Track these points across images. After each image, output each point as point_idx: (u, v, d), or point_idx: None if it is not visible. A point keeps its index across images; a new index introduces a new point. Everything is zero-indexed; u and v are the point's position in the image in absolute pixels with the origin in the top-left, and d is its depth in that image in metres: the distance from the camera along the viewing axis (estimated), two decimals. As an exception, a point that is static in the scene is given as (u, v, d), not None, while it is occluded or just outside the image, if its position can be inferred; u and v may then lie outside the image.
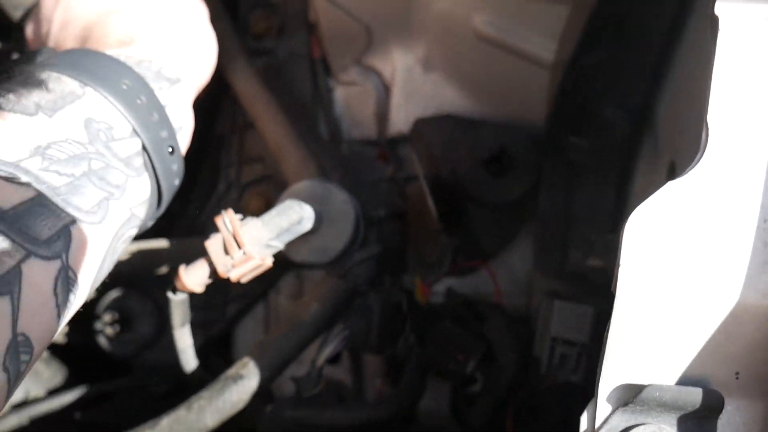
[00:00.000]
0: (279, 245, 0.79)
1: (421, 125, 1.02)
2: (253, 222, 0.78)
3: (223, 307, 1.15)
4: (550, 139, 0.87)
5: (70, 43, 0.76)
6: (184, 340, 0.88)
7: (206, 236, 1.04)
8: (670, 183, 0.47)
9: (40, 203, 0.53)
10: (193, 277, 0.78)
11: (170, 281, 0.83)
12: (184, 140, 0.75)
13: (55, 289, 0.54)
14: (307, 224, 0.80)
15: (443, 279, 1.05)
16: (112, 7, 0.75)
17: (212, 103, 1.37)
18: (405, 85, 1.08)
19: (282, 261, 0.85)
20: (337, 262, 0.85)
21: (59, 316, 0.56)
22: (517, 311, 1.04)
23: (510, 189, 0.96)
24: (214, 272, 0.77)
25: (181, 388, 1.10)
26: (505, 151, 0.94)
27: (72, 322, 1.26)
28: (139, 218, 0.68)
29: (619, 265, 0.47)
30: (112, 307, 1.17)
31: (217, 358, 1.16)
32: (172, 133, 0.70)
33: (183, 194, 1.37)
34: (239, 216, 0.81)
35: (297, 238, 0.81)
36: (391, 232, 1.01)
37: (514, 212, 0.99)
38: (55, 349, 1.24)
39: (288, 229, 0.78)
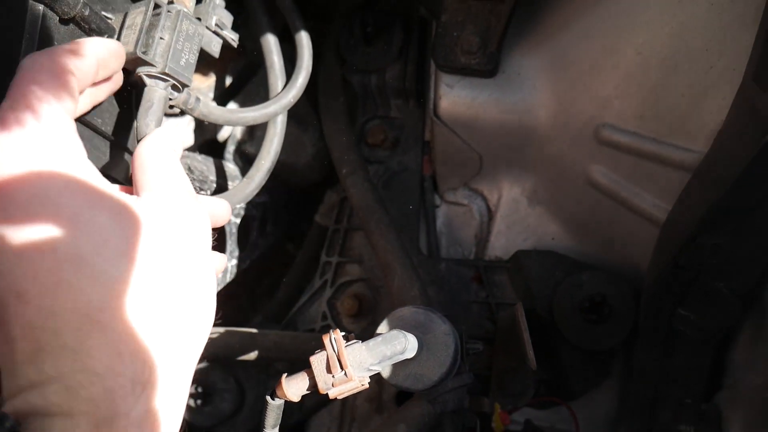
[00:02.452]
0: (378, 369, 0.82)
1: (522, 257, 1.05)
2: (357, 345, 0.82)
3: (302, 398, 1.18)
4: (653, 302, 0.89)
5: None
6: None
7: (296, 333, 1.09)
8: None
9: None
10: (294, 388, 0.81)
11: (275, 377, 0.87)
12: None
13: None
14: (410, 354, 0.83)
15: (522, 409, 1.06)
16: None
17: (317, 194, 1.45)
18: (509, 214, 1.12)
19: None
20: (430, 389, 0.87)
21: None
22: (593, 455, 1.04)
23: (605, 338, 0.97)
24: (313, 386, 0.81)
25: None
26: (605, 300, 0.96)
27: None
28: None
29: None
30: (196, 380, 1.22)
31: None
32: None
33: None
34: (343, 334, 0.84)
35: (397, 363, 0.84)
36: (479, 357, 1.03)
37: (604, 359, 1.00)
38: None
39: (390, 357, 0.81)
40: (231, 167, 1.24)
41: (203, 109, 0.95)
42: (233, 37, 1.01)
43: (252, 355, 1.10)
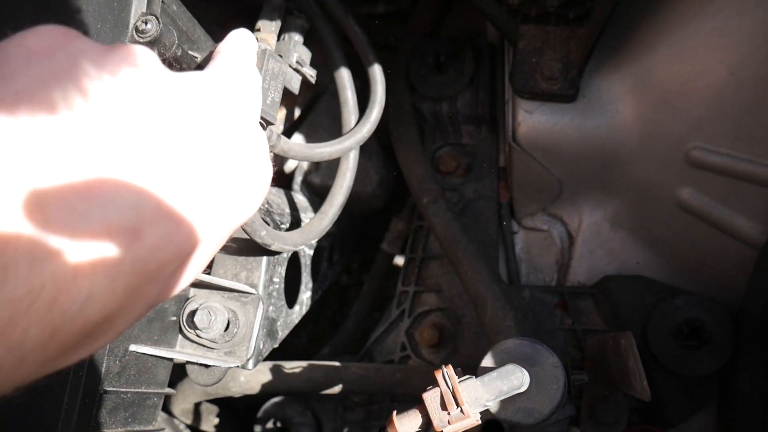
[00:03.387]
0: (494, 406, 0.81)
1: (610, 282, 1.04)
2: (472, 381, 0.80)
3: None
4: (757, 325, 0.87)
5: None
6: None
7: (379, 366, 1.08)
8: None
9: None
10: (406, 426, 0.80)
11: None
12: None
13: None
14: (524, 388, 0.81)
15: (614, 438, 1.03)
16: None
17: (378, 221, 1.44)
18: (591, 238, 1.10)
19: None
20: (539, 424, 0.86)
21: None
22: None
23: (703, 364, 0.95)
24: (427, 424, 0.79)
25: None
26: (702, 325, 0.94)
27: (236, 422, 1.31)
28: None
29: None
30: (274, 413, 1.21)
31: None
32: None
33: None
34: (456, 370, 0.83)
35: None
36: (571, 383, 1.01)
37: (702, 386, 0.98)
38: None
39: (507, 393, 0.80)
40: (300, 198, 1.24)
41: (284, 146, 0.95)
42: (312, 74, 1.02)
43: (336, 389, 1.09)
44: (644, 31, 0.95)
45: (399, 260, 1.45)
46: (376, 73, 1.05)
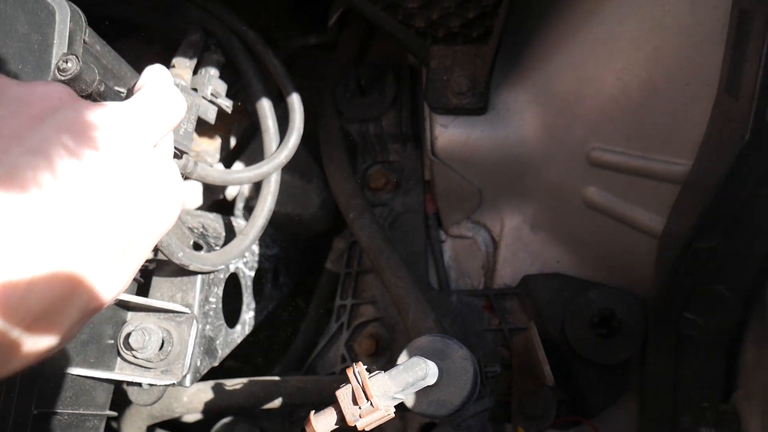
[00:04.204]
0: (403, 398, 0.85)
1: (530, 281, 1.09)
2: (381, 375, 0.84)
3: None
4: (660, 310, 0.92)
5: None
6: None
7: (317, 378, 1.12)
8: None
9: None
10: (323, 424, 0.84)
11: (298, 424, 0.89)
12: None
13: None
14: (431, 380, 0.85)
15: (546, 431, 1.07)
16: None
17: (324, 242, 1.49)
18: (513, 242, 1.16)
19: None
20: (453, 415, 0.90)
21: None
22: (619, 471, 1.05)
23: (618, 351, 1.00)
24: (342, 420, 0.83)
25: None
26: (614, 314, 1.00)
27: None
28: None
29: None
30: (223, 433, 1.23)
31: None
32: None
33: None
34: (366, 367, 0.87)
35: (419, 391, 0.87)
36: (498, 384, 1.05)
37: (620, 373, 1.03)
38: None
39: (413, 384, 0.84)
40: (241, 223, 1.28)
41: (201, 172, 1.01)
42: (227, 104, 1.08)
43: (276, 403, 1.12)
44: (540, 44, 1.02)
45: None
46: (294, 101, 1.12)
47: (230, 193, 1.38)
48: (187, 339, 1.00)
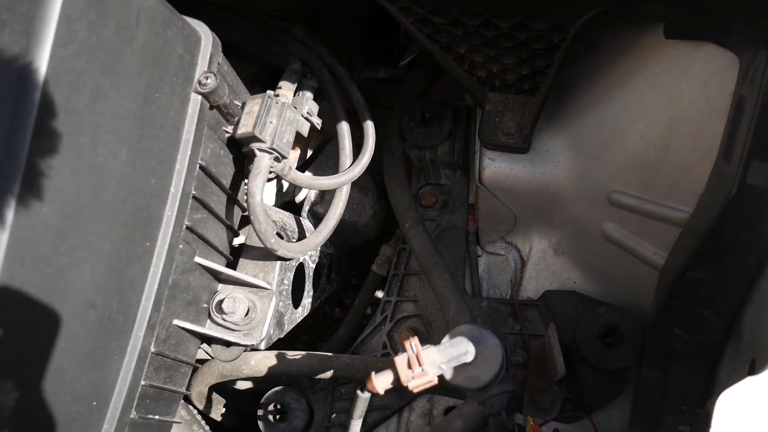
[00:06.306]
0: (447, 369, 1.06)
1: (550, 296, 1.31)
2: (431, 348, 1.05)
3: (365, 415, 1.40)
4: (656, 327, 1.13)
5: None
6: (355, 429, 1.15)
7: (364, 357, 1.33)
8: (749, 378, 0.72)
9: None
10: (381, 382, 1.04)
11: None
12: None
13: None
14: (469, 357, 1.06)
15: (551, 422, 1.28)
16: None
17: (372, 249, 1.71)
18: (538, 262, 1.38)
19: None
20: (482, 390, 1.11)
21: None
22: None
23: (618, 359, 1.21)
24: (397, 380, 1.04)
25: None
26: (617, 328, 1.21)
27: (238, 414, 1.54)
28: None
29: None
30: (274, 399, 1.45)
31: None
32: None
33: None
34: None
35: (456, 367, 1.08)
36: (516, 378, 1.26)
37: (618, 377, 1.24)
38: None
39: (456, 358, 1.05)
40: (307, 223, 1.51)
41: (294, 176, 1.24)
42: (318, 122, 1.32)
43: (327, 375, 1.34)
44: (579, 100, 1.24)
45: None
46: (369, 127, 1.35)
47: (299, 197, 1.61)
48: (266, 310, 1.22)
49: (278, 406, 1.44)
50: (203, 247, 1.17)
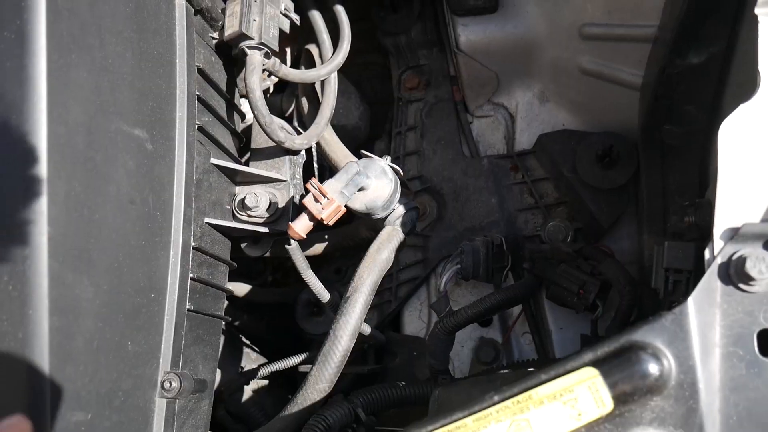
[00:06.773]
0: (348, 194, 1.09)
1: (543, 139, 1.39)
2: (328, 180, 1.10)
3: (395, 290, 1.49)
4: (646, 133, 1.22)
5: None
6: (312, 280, 1.23)
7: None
8: (742, 105, 0.81)
9: None
10: (299, 226, 1.10)
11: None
12: None
13: None
14: (363, 179, 1.09)
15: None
16: None
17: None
18: (526, 115, 1.46)
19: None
20: (385, 211, 1.17)
21: None
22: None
23: (618, 177, 1.30)
24: (312, 217, 1.09)
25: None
26: (612, 148, 1.30)
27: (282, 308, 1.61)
28: None
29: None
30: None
31: (390, 331, 1.49)
32: None
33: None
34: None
35: (356, 195, 1.12)
36: (527, 221, 1.35)
37: (621, 194, 1.33)
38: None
39: (352, 180, 1.09)
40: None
41: (284, 71, 1.29)
42: (296, 18, 1.36)
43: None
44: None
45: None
46: (341, 13, 1.40)
47: (286, 107, 1.67)
48: (287, 199, 1.28)
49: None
50: (215, 150, 1.22)
